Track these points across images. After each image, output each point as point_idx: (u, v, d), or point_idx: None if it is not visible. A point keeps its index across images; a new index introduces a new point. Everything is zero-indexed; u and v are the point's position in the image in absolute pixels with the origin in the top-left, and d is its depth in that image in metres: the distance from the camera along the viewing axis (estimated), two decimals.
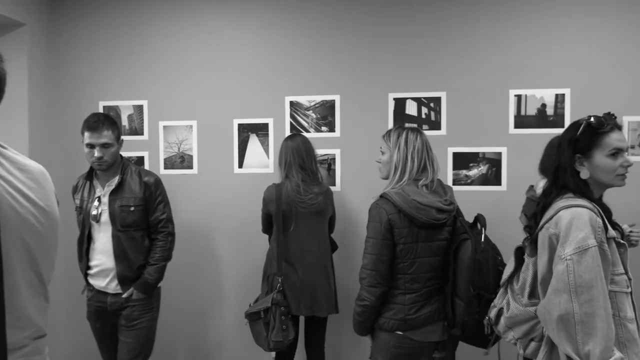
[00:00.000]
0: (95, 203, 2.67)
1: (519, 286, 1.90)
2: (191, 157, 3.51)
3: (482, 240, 2.15)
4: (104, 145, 2.61)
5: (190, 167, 3.51)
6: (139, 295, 2.71)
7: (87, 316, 2.83)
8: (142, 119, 3.54)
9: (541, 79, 3.16)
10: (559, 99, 3.14)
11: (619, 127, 1.78)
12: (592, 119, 1.76)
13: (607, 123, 1.74)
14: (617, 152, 1.74)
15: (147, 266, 2.74)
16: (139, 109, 3.55)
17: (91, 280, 2.76)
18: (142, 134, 3.54)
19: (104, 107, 3.56)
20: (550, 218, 1.73)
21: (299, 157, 2.84)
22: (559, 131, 3.05)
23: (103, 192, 2.70)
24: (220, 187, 3.48)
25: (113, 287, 2.71)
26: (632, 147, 3.08)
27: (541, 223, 1.78)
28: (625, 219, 3.01)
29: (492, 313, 2.02)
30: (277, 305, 2.72)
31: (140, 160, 3.53)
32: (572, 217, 1.65)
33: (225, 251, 3.49)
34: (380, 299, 2.13)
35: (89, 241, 2.73)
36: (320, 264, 2.83)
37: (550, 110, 3.15)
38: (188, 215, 3.51)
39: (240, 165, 3.46)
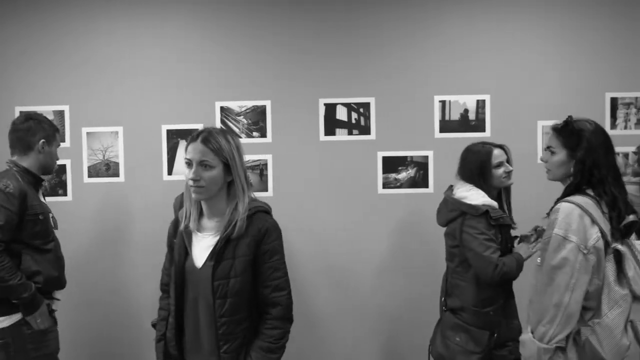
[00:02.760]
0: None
1: None
2: (117, 164, 3.38)
3: None
4: None
5: (116, 174, 3.38)
6: None
7: (53, 349, 2.53)
8: (64, 125, 3.38)
9: (463, 85, 3.32)
10: (480, 105, 3.31)
11: None
12: None
13: None
14: None
15: None
16: (59, 114, 3.38)
17: (57, 295, 2.60)
18: (63, 140, 3.37)
19: (21, 112, 3.35)
20: None
21: None
22: (481, 135, 3.23)
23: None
24: (149, 194, 3.37)
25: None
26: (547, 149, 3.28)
27: None
28: (544, 220, 3.21)
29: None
30: None
31: (62, 169, 3.36)
32: None
33: (152, 261, 3.38)
34: None
35: None
36: None
37: (472, 115, 3.31)
38: (114, 224, 3.38)
39: (170, 172, 3.38)
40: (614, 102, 3.28)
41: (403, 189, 3.33)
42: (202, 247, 1.85)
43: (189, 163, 1.79)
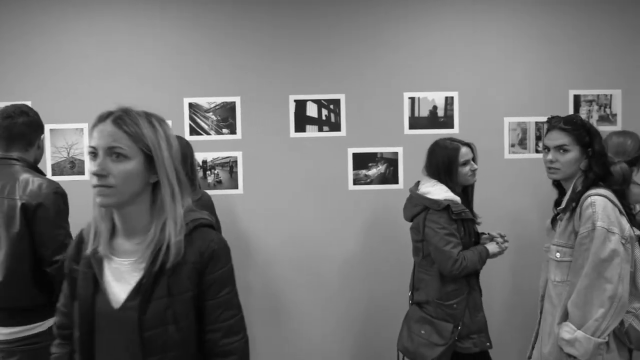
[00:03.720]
0: None
1: None
2: (82, 162, 3.30)
3: None
4: None
5: (81, 173, 3.30)
6: None
7: None
8: None
9: (432, 82, 3.35)
10: (449, 101, 3.35)
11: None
12: None
13: None
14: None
15: None
16: None
17: None
18: None
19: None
20: None
21: None
22: (449, 131, 3.26)
23: None
24: None
25: None
26: (513, 145, 3.35)
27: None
28: (510, 215, 3.28)
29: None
30: None
31: None
32: None
33: None
34: None
35: None
36: None
37: (441, 112, 3.35)
38: (79, 224, 3.29)
39: None
40: (577, 99, 3.37)
41: (373, 185, 3.35)
42: (118, 279, 1.32)
43: (93, 153, 1.29)
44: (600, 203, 1.83)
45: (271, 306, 3.37)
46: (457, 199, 2.41)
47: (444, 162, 2.46)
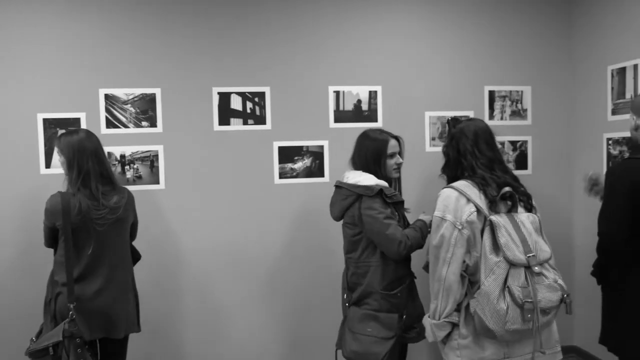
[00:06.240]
0: None
1: None
2: None
3: None
4: None
5: None
6: None
7: None
8: None
9: (356, 76, 3.39)
10: (372, 96, 3.40)
11: None
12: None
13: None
14: None
15: None
16: None
17: None
18: None
19: None
20: None
21: (94, 160, 2.38)
22: (373, 125, 3.32)
23: None
24: (24, 190, 3.07)
25: None
26: (433, 138, 3.47)
27: None
28: (431, 205, 3.39)
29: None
30: (70, 337, 2.26)
31: None
32: None
33: (24, 263, 3.09)
34: None
35: None
36: (120, 278, 2.47)
37: (365, 106, 3.40)
38: None
39: (48, 165, 3.10)
40: (491, 94, 3.54)
41: (299, 179, 3.35)
42: None
43: None
44: (443, 194, 2.02)
45: (198, 308, 3.28)
46: (386, 184, 2.43)
47: (372, 153, 2.45)
